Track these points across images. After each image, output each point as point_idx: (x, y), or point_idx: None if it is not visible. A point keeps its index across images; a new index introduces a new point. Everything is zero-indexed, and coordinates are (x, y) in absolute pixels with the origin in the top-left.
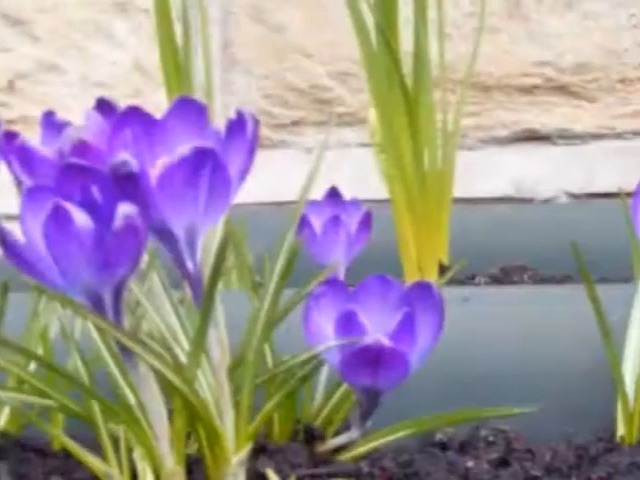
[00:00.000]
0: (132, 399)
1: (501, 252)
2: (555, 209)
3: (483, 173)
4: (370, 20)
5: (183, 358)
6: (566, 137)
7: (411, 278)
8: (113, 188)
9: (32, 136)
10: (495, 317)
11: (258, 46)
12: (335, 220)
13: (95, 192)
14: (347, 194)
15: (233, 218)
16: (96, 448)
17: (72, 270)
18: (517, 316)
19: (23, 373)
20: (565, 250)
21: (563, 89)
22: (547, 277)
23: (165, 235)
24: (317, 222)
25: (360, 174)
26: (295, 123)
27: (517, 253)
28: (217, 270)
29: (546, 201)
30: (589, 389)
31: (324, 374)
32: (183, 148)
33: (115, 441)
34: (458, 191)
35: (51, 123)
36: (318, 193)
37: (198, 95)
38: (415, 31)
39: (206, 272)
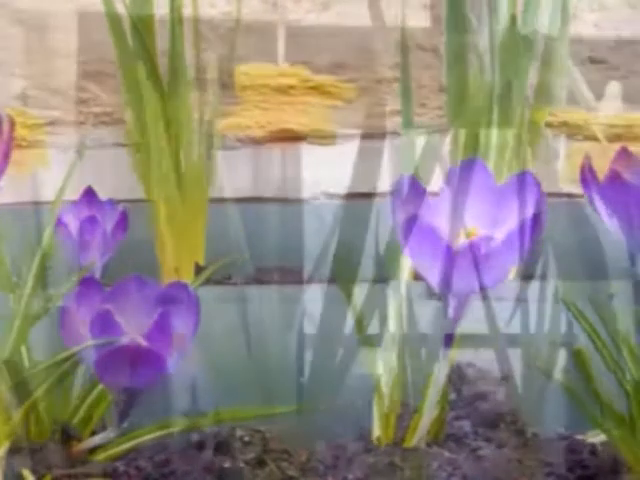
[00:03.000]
0: None
1: (259, 253)
2: (314, 208)
3: (241, 173)
4: (126, 19)
5: None
6: (321, 137)
7: (168, 279)
8: None
9: None
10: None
11: (15, 45)
12: (91, 220)
13: None
14: (103, 194)
15: None
16: None
17: None
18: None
19: None
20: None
21: (317, 89)
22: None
23: None
24: (73, 223)
25: (117, 174)
26: (51, 123)
27: (275, 253)
28: None
29: (306, 201)
30: (346, 389)
31: (81, 374)
32: None
33: None
34: (215, 191)
35: None
36: (74, 194)
37: None
38: (171, 31)
39: None
